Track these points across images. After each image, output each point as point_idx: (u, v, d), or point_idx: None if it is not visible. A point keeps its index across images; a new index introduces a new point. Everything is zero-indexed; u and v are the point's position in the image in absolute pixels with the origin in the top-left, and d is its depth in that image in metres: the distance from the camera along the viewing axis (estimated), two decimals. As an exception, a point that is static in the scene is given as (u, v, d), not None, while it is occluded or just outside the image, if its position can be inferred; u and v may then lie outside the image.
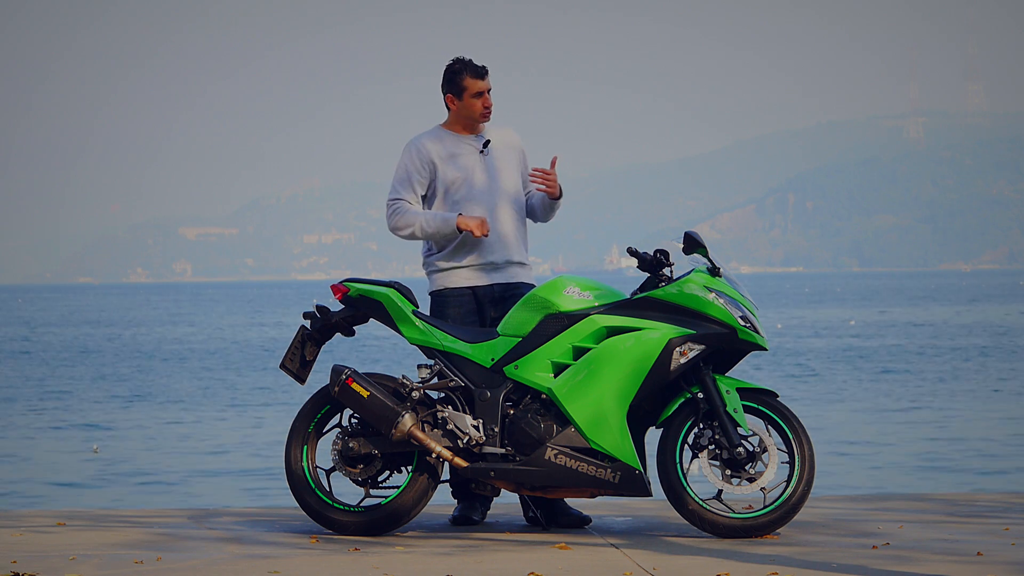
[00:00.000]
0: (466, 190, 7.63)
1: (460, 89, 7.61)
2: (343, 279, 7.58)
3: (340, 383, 7.31)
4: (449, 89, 7.64)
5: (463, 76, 7.60)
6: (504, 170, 7.73)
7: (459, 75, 7.61)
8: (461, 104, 7.62)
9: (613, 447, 7.15)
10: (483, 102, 7.63)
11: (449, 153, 7.65)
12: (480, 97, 7.61)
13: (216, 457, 20.45)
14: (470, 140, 7.70)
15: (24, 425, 25.45)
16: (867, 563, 6.50)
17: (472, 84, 7.60)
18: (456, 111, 7.65)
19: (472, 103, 7.62)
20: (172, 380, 36.27)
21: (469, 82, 7.60)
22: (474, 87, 7.60)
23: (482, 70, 7.63)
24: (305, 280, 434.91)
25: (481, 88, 7.61)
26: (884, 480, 17.28)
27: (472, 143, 7.70)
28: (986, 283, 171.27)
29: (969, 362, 38.21)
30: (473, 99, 7.61)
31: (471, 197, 7.63)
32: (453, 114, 7.68)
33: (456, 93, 7.62)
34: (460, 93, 7.61)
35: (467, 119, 7.67)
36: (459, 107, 7.63)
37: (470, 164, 7.66)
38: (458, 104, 7.63)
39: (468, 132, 7.71)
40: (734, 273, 7.51)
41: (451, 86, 7.63)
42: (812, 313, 77.44)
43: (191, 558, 6.73)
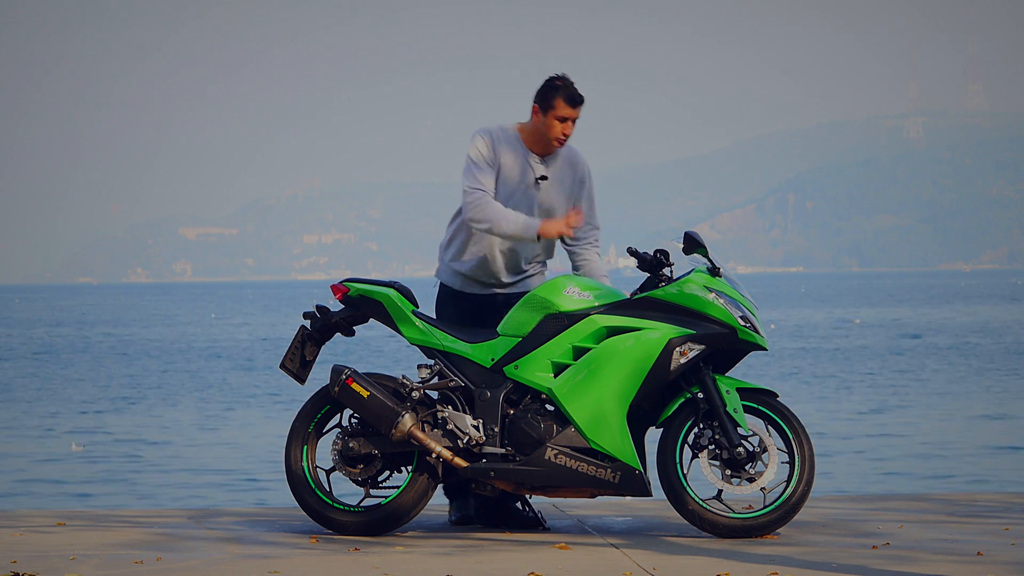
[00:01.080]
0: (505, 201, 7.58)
1: (549, 106, 7.51)
2: (343, 279, 7.58)
3: (340, 383, 7.31)
4: (540, 100, 7.53)
5: (557, 96, 7.51)
6: (545, 209, 7.63)
7: (555, 92, 7.51)
8: (543, 120, 7.52)
9: (613, 447, 7.15)
10: (563, 128, 7.53)
11: (510, 163, 7.56)
12: (563, 123, 7.52)
13: (216, 457, 20.45)
14: (534, 161, 7.59)
15: (23, 426, 25.47)
16: (867, 563, 6.51)
17: (561, 108, 7.50)
18: (536, 123, 7.55)
19: (553, 124, 7.51)
20: (172, 380, 36.28)
21: (560, 104, 7.50)
22: (562, 111, 7.51)
23: (577, 99, 7.53)
24: (305, 280, 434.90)
25: (568, 115, 7.52)
26: (884, 480, 17.28)
27: (533, 165, 7.60)
28: (985, 283, 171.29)
29: (968, 362, 38.23)
30: (556, 121, 7.51)
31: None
32: (532, 124, 7.58)
33: (543, 107, 7.52)
34: (547, 109, 7.52)
35: (541, 136, 7.56)
36: (539, 121, 7.53)
37: (519, 187, 7.57)
38: (540, 118, 7.53)
39: (537, 150, 7.59)
40: (733, 273, 7.51)
41: (543, 99, 7.53)
42: (797, 313, 77.46)
43: (191, 558, 6.73)
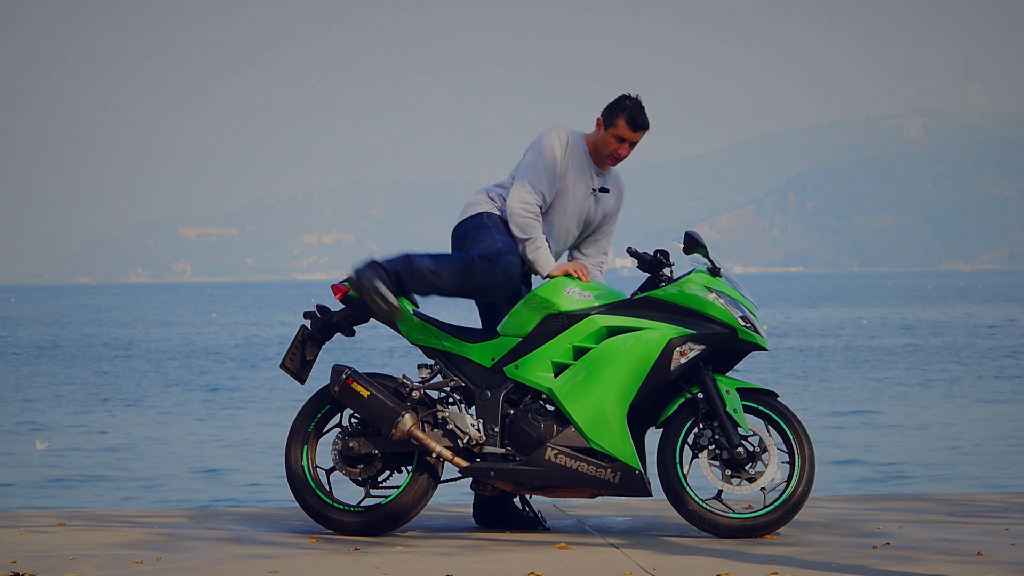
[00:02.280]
0: (553, 215, 7.55)
1: (611, 123, 7.50)
2: (343, 279, 7.57)
3: (340, 383, 7.31)
4: (605, 115, 7.52)
5: (621, 116, 7.49)
6: (592, 219, 7.66)
7: (620, 112, 7.49)
8: (603, 135, 7.52)
9: (613, 447, 7.15)
10: (619, 149, 7.52)
11: (576, 169, 7.55)
12: (622, 143, 7.51)
13: (216, 457, 20.45)
14: (595, 172, 7.60)
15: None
16: (867, 563, 6.51)
17: (623, 128, 7.49)
18: (596, 135, 7.55)
19: (610, 141, 7.50)
20: (172, 379, 36.28)
21: (622, 124, 7.49)
22: (623, 131, 7.49)
23: (642, 123, 7.51)
24: (305, 280, 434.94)
25: (628, 137, 7.50)
26: (884, 480, 17.29)
27: (594, 176, 7.60)
28: (982, 284, 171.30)
29: (967, 364, 38.24)
30: (613, 139, 7.50)
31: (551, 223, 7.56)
32: (595, 137, 7.57)
33: (607, 123, 7.51)
34: (609, 126, 7.50)
35: (598, 150, 7.56)
36: (599, 136, 7.53)
37: (578, 195, 7.57)
38: (600, 133, 7.53)
39: (597, 162, 7.60)
40: (733, 273, 7.51)
41: (608, 115, 7.52)
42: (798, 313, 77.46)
43: (191, 558, 6.73)
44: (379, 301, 7.28)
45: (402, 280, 7.32)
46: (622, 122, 7.49)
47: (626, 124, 7.49)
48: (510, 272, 7.32)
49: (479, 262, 7.29)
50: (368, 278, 7.28)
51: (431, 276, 7.31)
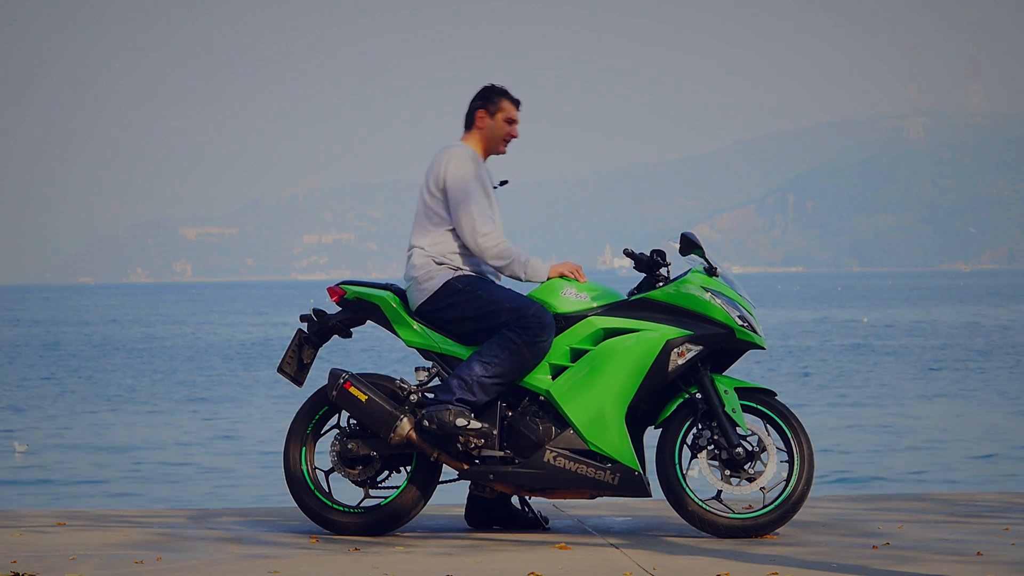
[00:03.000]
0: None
1: (496, 108, 7.47)
2: (339, 282, 7.56)
3: (338, 387, 7.28)
4: (484, 105, 7.47)
5: (500, 98, 7.48)
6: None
7: (497, 95, 7.48)
8: (492, 123, 7.47)
9: (612, 449, 7.15)
10: (512, 130, 7.51)
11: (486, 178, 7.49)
12: (511, 124, 7.50)
13: (216, 456, 20.45)
14: (489, 169, 7.57)
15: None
16: (867, 563, 6.51)
17: (508, 108, 7.48)
18: (484, 130, 7.48)
19: (502, 126, 7.47)
20: (171, 379, 36.28)
21: (506, 105, 7.48)
22: (509, 111, 7.48)
23: (518, 100, 7.53)
24: (305, 280, 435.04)
25: (515, 117, 7.50)
26: (884, 480, 17.29)
27: (491, 174, 7.57)
28: (980, 284, 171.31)
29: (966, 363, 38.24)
30: (505, 123, 7.48)
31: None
32: (478, 133, 7.49)
33: (490, 111, 7.47)
34: (494, 112, 7.47)
35: (491, 141, 7.50)
36: (488, 126, 7.47)
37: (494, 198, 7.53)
38: (488, 123, 7.47)
39: (485, 158, 7.56)
40: (730, 272, 7.51)
41: (487, 103, 7.47)
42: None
43: (191, 558, 6.73)
44: (470, 436, 7.16)
45: (477, 400, 7.16)
46: (506, 103, 7.49)
47: (510, 103, 7.49)
48: (545, 321, 7.20)
49: (519, 336, 7.15)
50: (446, 418, 7.12)
51: (495, 380, 7.15)
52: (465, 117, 7.54)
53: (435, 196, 7.40)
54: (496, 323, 7.21)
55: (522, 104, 7.56)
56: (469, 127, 7.53)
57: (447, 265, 7.36)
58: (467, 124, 7.54)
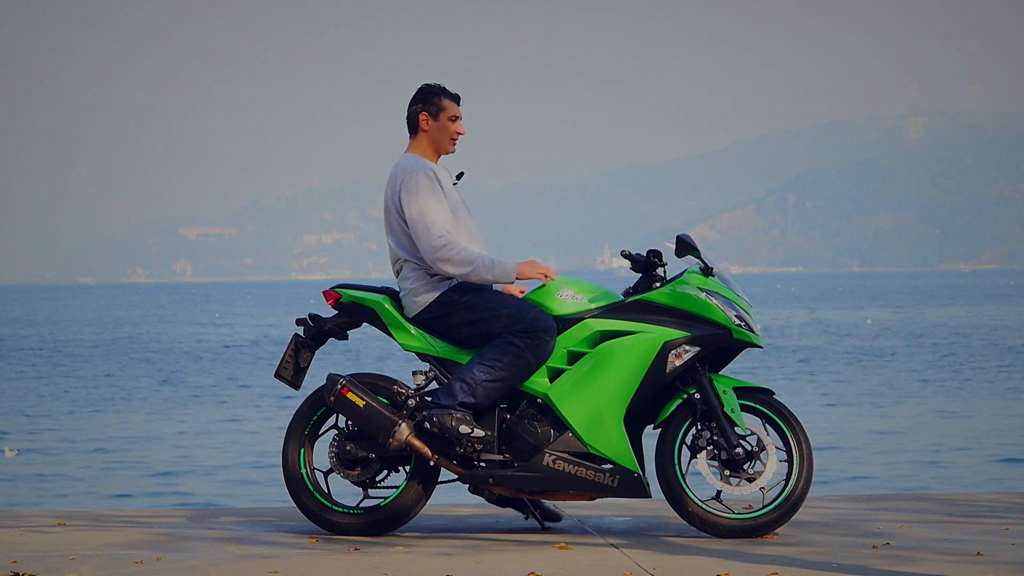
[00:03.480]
0: (465, 222, 7.39)
1: (438, 109, 7.39)
2: (334, 285, 7.55)
3: (335, 393, 7.26)
4: (425, 108, 7.39)
5: (440, 97, 7.40)
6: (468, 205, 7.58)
7: (436, 95, 7.40)
8: (436, 125, 7.39)
9: (610, 451, 7.14)
10: (457, 128, 7.43)
11: (445, 184, 7.40)
12: (455, 122, 7.42)
13: (216, 457, 20.45)
14: (443, 169, 7.49)
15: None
16: (867, 563, 6.51)
17: (449, 106, 7.40)
18: (429, 133, 7.40)
19: (447, 125, 7.39)
20: (171, 379, 36.29)
21: (447, 103, 7.40)
22: (451, 110, 7.40)
23: (457, 96, 7.46)
24: (305, 280, 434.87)
25: (457, 113, 7.43)
26: (884, 480, 17.29)
27: (447, 174, 7.49)
28: (977, 284, 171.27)
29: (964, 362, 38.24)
30: (449, 121, 7.40)
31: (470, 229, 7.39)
32: (424, 136, 7.41)
33: (432, 113, 7.38)
34: (437, 113, 7.39)
35: (438, 143, 7.41)
36: (433, 128, 7.39)
37: (454, 196, 7.43)
38: (432, 125, 7.39)
39: (436, 160, 7.47)
40: (727, 272, 7.50)
41: (428, 105, 7.39)
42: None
43: (191, 558, 6.73)
44: (472, 443, 7.15)
45: (479, 403, 7.14)
46: (446, 101, 7.42)
47: (451, 100, 7.42)
48: (547, 324, 7.18)
49: (522, 340, 7.14)
50: (448, 423, 7.10)
51: (497, 384, 7.13)
52: (407, 122, 7.45)
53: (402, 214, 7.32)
54: (494, 328, 7.20)
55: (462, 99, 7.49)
56: (414, 132, 7.44)
57: (440, 276, 7.32)
58: (411, 129, 7.44)
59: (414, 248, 7.33)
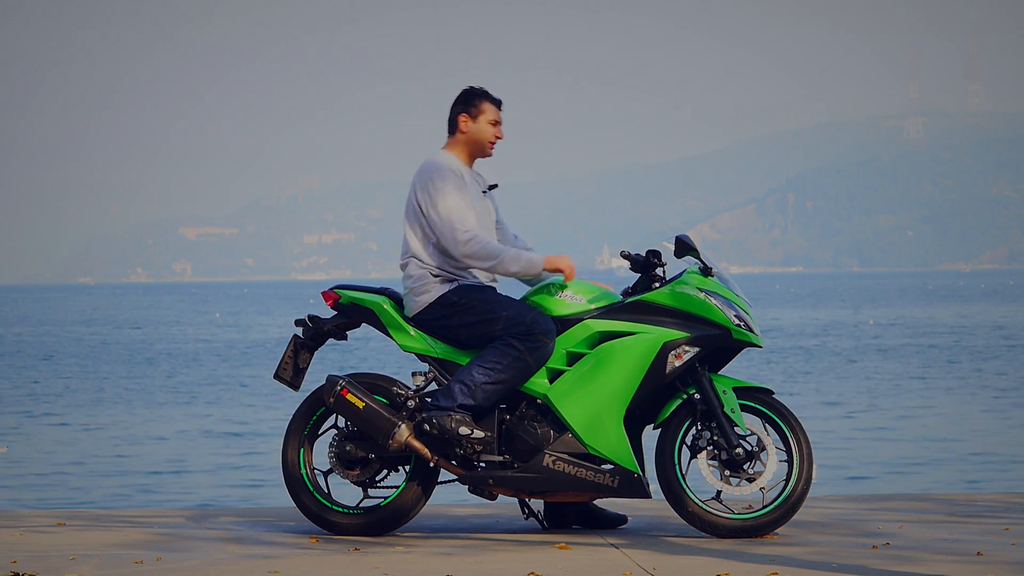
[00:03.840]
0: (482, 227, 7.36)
1: (477, 111, 7.39)
2: (333, 286, 7.55)
3: (335, 394, 7.26)
4: (465, 109, 7.39)
5: (481, 100, 7.41)
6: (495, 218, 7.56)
7: (478, 97, 7.41)
8: (475, 127, 7.39)
9: (610, 451, 7.14)
10: (497, 131, 7.44)
11: (471, 187, 7.41)
12: (495, 126, 7.43)
13: (216, 457, 20.44)
14: (476, 175, 7.49)
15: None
16: (867, 563, 6.51)
17: (489, 110, 7.40)
18: (467, 134, 7.40)
19: (485, 128, 7.39)
20: (171, 378, 36.28)
21: (487, 107, 7.40)
22: (491, 113, 7.40)
23: (499, 101, 7.46)
24: (305, 280, 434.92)
25: (497, 118, 7.43)
26: (884, 480, 17.28)
27: (477, 180, 7.49)
28: (975, 284, 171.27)
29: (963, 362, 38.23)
30: (489, 124, 7.41)
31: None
32: (462, 138, 7.42)
33: (472, 114, 7.39)
34: (476, 115, 7.39)
35: (476, 145, 7.42)
36: (471, 131, 7.39)
37: (481, 207, 7.43)
38: (471, 127, 7.39)
39: (470, 163, 7.49)
40: (726, 272, 7.50)
41: (467, 106, 7.40)
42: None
43: (191, 558, 6.73)
44: (472, 444, 7.16)
45: (479, 405, 7.13)
46: (487, 104, 7.42)
47: (492, 104, 7.43)
48: (546, 327, 7.18)
49: (521, 342, 7.14)
50: (448, 424, 7.11)
51: (497, 386, 7.14)
52: (448, 123, 7.47)
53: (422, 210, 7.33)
54: (493, 330, 7.21)
55: (504, 104, 7.49)
56: (452, 132, 7.45)
57: (443, 276, 7.33)
58: (450, 129, 7.46)
59: (423, 245, 7.34)
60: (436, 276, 7.32)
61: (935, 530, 7.43)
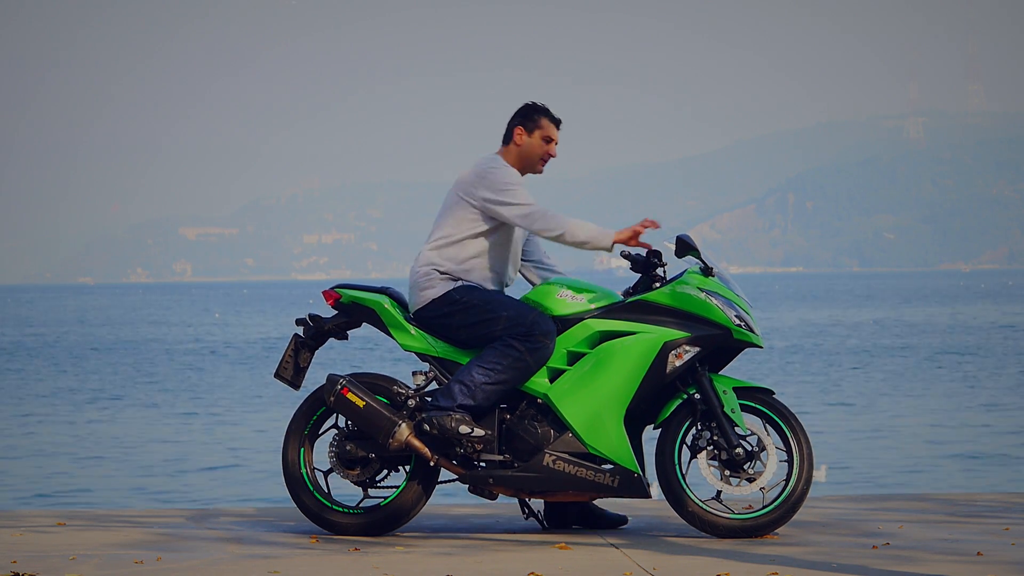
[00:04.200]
0: (505, 237, 7.41)
1: (534, 126, 7.41)
2: (334, 285, 7.55)
3: (335, 393, 7.26)
4: (522, 122, 7.42)
5: (541, 116, 7.43)
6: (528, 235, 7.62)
7: (538, 113, 7.44)
8: (529, 141, 7.41)
9: (610, 451, 7.14)
10: (550, 149, 7.46)
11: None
12: (549, 143, 7.45)
13: (216, 457, 20.45)
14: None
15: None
16: (867, 563, 6.51)
17: (548, 127, 7.43)
18: (521, 147, 7.42)
19: (539, 144, 7.42)
20: (171, 378, 36.29)
21: (546, 124, 7.43)
22: (548, 130, 7.43)
23: (559, 120, 7.49)
24: (305, 280, 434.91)
25: (553, 135, 7.44)
26: (884, 480, 17.29)
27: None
28: (975, 284, 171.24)
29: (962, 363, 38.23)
30: (543, 141, 7.43)
31: (505, 244, 7.41)
32: (515, 150, 7.43)
33: (528, 128, 7.41)
34: (532, 130, 7.41)
35: (527, 159, 7.44)
36: (525, 144, 7.41)
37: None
38: (526, 140, 7.41)
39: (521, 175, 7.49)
40: (727, 272, 7.50)
41: (526, 120, 7.42)
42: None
43: (191, 558, 6.74)
44: (472, 443, 7.16)
45: (478, 405, 7.14)
46: (546, 121, 7.44)
47: (550, 122, 7.45)
48: (547, 328, 7.19)
49: (522, 343, 7.14)
50: (448, 424, 7.11)
51: (497, 387, 7.15)
52: (504, 133, 7.49)
53: (467, 201, 7.32)
54: (493, 331, 7.21)
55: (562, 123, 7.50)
56: (507, 143, 7.48)
57: (450, 276, 7.33)
58: (505, 140, 7.49)
59: (440, 242, 7.34)
60: (443, 274, 7.33)
61: (935, 530, 7.43)
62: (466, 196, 7.35)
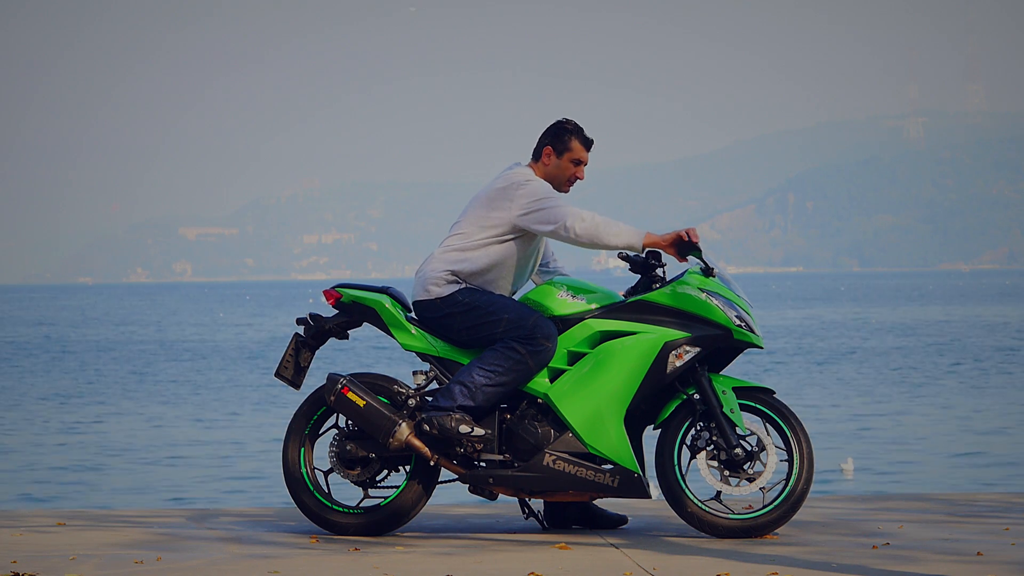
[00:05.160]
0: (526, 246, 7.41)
1: (564, 147, 7.40)
2: (335, 285, 7.56)
3: (336, 392, 7.26)
4: (552, 142, 7.41)
5: (572, 137, 7.41)
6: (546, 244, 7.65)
7: (569, 134, 7.42)
8: (558, 162, 7.40)
9: (611, 451, 7.14)
10: (578, 172, 7.45)
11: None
12: (578, 165, 7.43)
13: (216, 457, 20.45)
14: None
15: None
16: (867, 563, 6.51)
17: (577, 150, 7.41)
18: (549, 166, 7.41)
19: (567, 166, 7.41)
20: (171, 378, 36.29)
21: (576, 146, 7.41)
22: (578, 153, 7.41)
23: (590, 142, 7.47)
24: (305, 280, 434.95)
25: (582, 157, 7.42)
26: (884, 480, 17.29)
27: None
28: (975, 284, 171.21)
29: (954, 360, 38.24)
30: (571, 163, 7.42)
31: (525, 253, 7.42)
32: (542, 168, 7.43)
33: (557, 150, 7.40)
34: (562, 152, 7.40)
35: (554, 179, 7.43)
36: (553, 164, 7.40)
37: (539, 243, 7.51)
38: (553, 161, 7.40)
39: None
40: (727, 272, 7.50)
41: (556, 140, 7.40)
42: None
43: (191, 558, 6.74)
44: (472, 443, 7.17)
45: (478, 407, 7.15)
46: (576, 143, 7.42)
47: (580, 145, 7.43)
48: (548, 331, 7.20)
49: (523, 346, 7.16)
50: (448, 424, 7.13)
51: (498, 388, 7.16)
52: (534, 149, 7.48)
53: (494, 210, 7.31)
54: (494, 333, 7.22)
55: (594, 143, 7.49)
56: (536, 159, 7.47)
57: (457, 279, 7.33)
58: (534, 156, 7.48)
59: (457, 247, 7.33)
60: (453, 280, 7.34)
61: (935, 530, 7.43)
62: (494, 206, 7.32)
